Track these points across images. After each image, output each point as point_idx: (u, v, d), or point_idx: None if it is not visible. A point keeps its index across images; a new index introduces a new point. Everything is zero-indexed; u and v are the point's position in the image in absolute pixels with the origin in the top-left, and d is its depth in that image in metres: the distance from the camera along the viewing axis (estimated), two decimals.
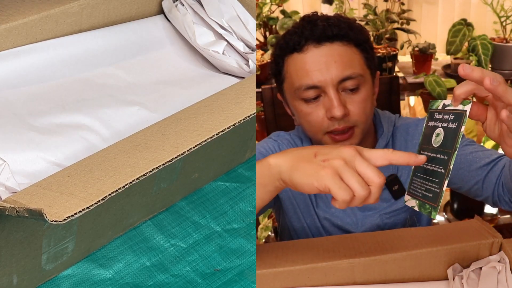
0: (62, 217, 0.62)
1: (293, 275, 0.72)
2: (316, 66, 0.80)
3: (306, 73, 0.80)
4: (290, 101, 0.85)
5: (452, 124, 0.62)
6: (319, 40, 0.80)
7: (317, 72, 0.79)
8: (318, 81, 0.79)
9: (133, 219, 0.93)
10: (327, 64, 0.79)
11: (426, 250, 0.73)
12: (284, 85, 0.85)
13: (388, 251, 0.73)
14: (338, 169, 0.58)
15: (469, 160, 0.85)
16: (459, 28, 1.68)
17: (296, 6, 1.90)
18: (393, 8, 1.77)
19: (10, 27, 0.93)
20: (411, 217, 0.91)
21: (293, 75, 0.82)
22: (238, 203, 1.00)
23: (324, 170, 0.58)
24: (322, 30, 0.80)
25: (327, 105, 0.80)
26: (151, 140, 0.76)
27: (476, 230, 0.77)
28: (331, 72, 0.79)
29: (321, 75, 0.79)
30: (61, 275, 0.87)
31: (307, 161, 0.60)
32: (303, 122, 0.84)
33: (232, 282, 0.90)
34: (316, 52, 0.80)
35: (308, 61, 0.80)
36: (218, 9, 1.08)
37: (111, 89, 0.98)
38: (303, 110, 0.82)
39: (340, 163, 0.59)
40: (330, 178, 0.58)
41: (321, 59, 0.80)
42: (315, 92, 0.80)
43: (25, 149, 0.84)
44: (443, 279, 0.75)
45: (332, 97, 0.79)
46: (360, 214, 0.89)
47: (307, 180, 0.60)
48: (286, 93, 0.85)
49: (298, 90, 0.81)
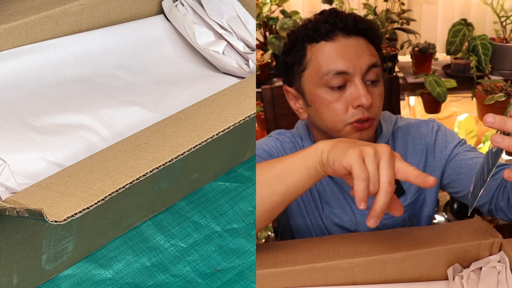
0: (62, 217, 0.63)
1: (293, 275, 0.72)
2: (346, 54, 0.81)
3: (336, 59, 0.81)
4: (310, 90, 0.84)
5: None
6: (349, 32, 0.82)
7: (347, 59, 0.81)
8: (348, 67, 0.81)
9: (133, 219, 0.93)
10: (356, 53, 0.81)
11: (426, 250, 0.73)
12: (305, 73, 0.84)
13: (388, 251, 0.73)
14: (366, 154, 0.63)
15: (470, 165, 0.86)
16: (459, 28, 1.68)
17: (296, 6, 1.90)
18: (393, 8, 1.77)
19: (10, 27, 0.93)
20: (410, 218, 0.91)
21: (320, 61, 0.82)
22: (238, 203, 1.00)
23: (353, 149, 0.63)
24: (354, 22, 0.82)
25: (354, 93, 0.81)
26: (151, 140, 0.76)
27: (476, 230, 0.77)
28: (360, 61, 0.81)
29: (351, 63, 0.81)
30: (61, 275, 0.87)
31: (346, 143, 0.66)
32: (324, 111, 0.83)
33: (232, 282, 0.90)
34: (345, 42, 0.82)
35: (339, 49, 0.82)
36: (218, 9, 1.08)
37: (111, 89, 0.98)
38: (327, 98, 0.82)
39: (370, 150, 0.63)
40: (355, 157, 0.62)
41: (351, 48, 0.82)
42: (343, 79, 0.81)
43: (25, 149, 0.84)
44: (443, 279, 0.75)
45: (359, 86, 0.81)
46: (359, 212, 0.90)
47: (338, 156, 0.64)
48: (307, 82, 0.84)
49: (326, 75, 0.81)
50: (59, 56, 0.99)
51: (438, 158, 0.88)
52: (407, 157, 0.88)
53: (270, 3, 1.72)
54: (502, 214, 0.84)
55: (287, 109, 0.92)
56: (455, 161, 0.87)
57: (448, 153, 0.88)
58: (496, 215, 0.85)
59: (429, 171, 0.88)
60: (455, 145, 0.88)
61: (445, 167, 0.88)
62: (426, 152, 0.88)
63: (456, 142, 0.88)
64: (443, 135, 0.89)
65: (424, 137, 0.89)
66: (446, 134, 0.89)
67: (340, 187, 0.89)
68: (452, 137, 0.89)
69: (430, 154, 0.88)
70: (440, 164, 0.88)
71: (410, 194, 0.89)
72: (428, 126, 0.90)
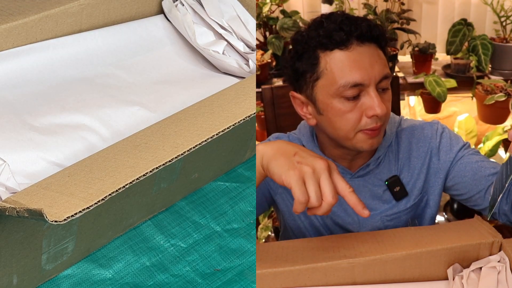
0: (62, 217, 0.63)
1: (293, 275, 0.72)
2: (362, 64, 0.80)
3: (352, 70, 0.80)
4: (323, 100, 0.83)
5: None
6: (363, 40, 0.81)
7: (363, 70, 0.80)
8: (363, 79, 0.80)
9: (133, 219, 0.93)
10: (371, 63, 0.80)
11: (426, 250, 0.73)
12: (319, 82, 0.82)
13: (388, 251, 0.73)
14: (305, 175, 0.66)
15: (475, 168, 0.85)
16: (459, 28, 1.69)
17: (296, 6, 1.90)
18: (393, 8, 1.78)
19: (10, 27, 0.93)
20: (412, 220, 0.91)
21: (335, 72, 0.81)
22: (238, 203, 1.00)
23: (293, 170, 0.67)
24: (368, 29, 0.81)
25: (368, 103, 0.80)
26: (151, 140, 0.76)
27: (476, 230, 0.77)
28: (374, 71, 0.80)
29: (366, 73, 0.80)
30: (61, 275, 0.87)
31: (285, 156, 0.69)
32: (337, 120, 0.82)
33: (232, 282, 0.90)
34: (360, 50, 0.80)
35: (355, 58, 0.80)
36: (218, 9, 1.08)
37: (111, 89, 0.98)
38: (341, 108, 0.81)
39: (309, 170, 0.67)
40: (295, 179, 0.66)
41: (365, 58, 0.80)
42: (358, 90, 0.80)
43: (25, 149, 0.84)
44: (443, 279, 0.75)
45: (374, 96, 0.80)
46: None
47: (278, 171, 0.68)
48: (320, 90, 0.83)
49: (342, 87, 0.80)
50: (59, 56, 0.99)
51: (442, 160, 0.88)
52: (411, 159, 0.88)
53: (270, 3, 1.72)
54: (505, 217, 0.84)
55: (287, 109, 0.92)
56: (460, 164, 0.87)
57: (453, 155, 0.88)
58: (499, 218, 0.85)
59: (432, 173, 0.88)
60: (460, 148, 0.88)
61: (450, 170, 0.88)
62: (430, 155, 0.88)
63: (461, 145, 0.88)
64: (448, 137, 0.89)
65: (429, 139, 0.89)
66: (451, 136, 0.89)
67: None
68: (456, 140, 0.89)
69: (435, 157, 0.88)
70: (444, 166, 0.88)
71: (413, 195, 0.88)
72: (433, 129, 0.89)
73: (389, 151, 0.88)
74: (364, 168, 0.87)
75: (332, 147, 0.86)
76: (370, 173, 0.88)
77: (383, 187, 0.88)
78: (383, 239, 0.76)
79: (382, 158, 0.88)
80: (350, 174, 0.88)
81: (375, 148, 0.84)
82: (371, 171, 0.88)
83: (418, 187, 0.88)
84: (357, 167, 0.88)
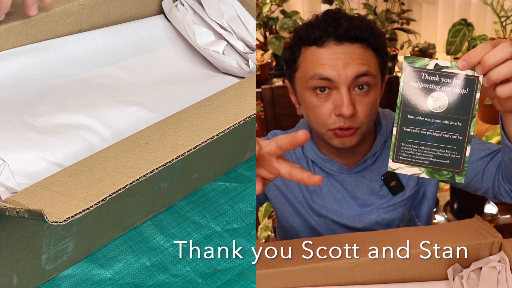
0: (62, 218, 0.62)
1: (293, 275, 0.72)
2: (333, 61, 0.81)
3: (322, 66, 0.81)
4: (300, 91, 0.86)
5: (461, 90, 0.61)
6: (340, 39, 0.81)
7: (334, 67, 0.81)
8: (332, 75, 0.81)
9: (133, 219, 0.93)
10: (345, 62, 0.81)
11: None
12: (297, 74, 0.85)
13: (387, 251, 0.73)
14: None
15: (470, 152, 0.86)
16: (459, 28, 1.69)
17: (296, 6, 1.90)
18: (393, 8, 1.78)
19: (10, 27, 0.93)
20: (409, 211, 0.91)
21: (308, 65, 0.83)
22: (238, 203, 1.00)
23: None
24: (346, 30, 0.81)
25: (337, 101, 0.81)
26: (151, 141, 0.76)
27: (476, 230, 0.77)
28: (346, 70, 0.81)
29: (336, 71, 0.81)
30: (61, 275, 0.87)
31: None
32: (310, 114, 0.85)
33: (232, 282, 0.90)
34: (336, 49, 0.81)
35: (327, 56, 0.82)
36: (218, 9, 1.08)
37: (111, 89, 0.98)
38: (312, 102, 0.83)
39: None
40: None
41: (340, 56, 0.81)
42: (326, 84, 0.81)
43: (25, 149, 0.84)
44: (443, 279, 0.75)
45: (344, 95, 0.80)
46: (358, 209, 0.90)
47: None
48: (297, 82, 0.86)
49: (311, 79, 0.82)
50: (59, 56, 0.99)
51: None
52: None
53: (270, 3, 1.72)
54: (507, 195, 0.84)
55: (287, 109, 0.93)
56: None
57: None
58: (502, 198, 0.85)
59: None
60: None
61: None
62: None
63: None
64: None
65: None
66: None
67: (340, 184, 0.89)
68: None
69: None
70: None
71: (409, 187, 0.89)
72: None
73: (385, 147, 0.89)
74: (361, 164, 0.88)
75: (323, 143, 0.87)
76: (367, 168, 0.89)
77: (380, 182, 0.89)
78: (383, 239, 0.77)
79: (379, 153, 0.89)
80: (348, 170, 0.88)
81: (349, 146, 0.84)
82: (368, 166, 0.89)
83: (414, 178, 0.89)
84: (354, 163, 0.89)
